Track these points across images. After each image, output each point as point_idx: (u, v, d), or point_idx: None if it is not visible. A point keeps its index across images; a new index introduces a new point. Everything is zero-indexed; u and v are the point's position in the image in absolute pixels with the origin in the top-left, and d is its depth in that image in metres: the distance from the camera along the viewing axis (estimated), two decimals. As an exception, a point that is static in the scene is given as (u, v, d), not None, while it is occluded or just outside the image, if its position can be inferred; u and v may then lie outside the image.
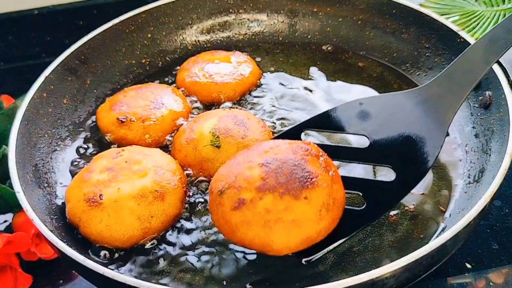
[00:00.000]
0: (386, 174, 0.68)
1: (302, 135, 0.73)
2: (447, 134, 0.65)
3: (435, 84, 0.69)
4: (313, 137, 0.77)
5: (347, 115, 0.68)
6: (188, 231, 0.70)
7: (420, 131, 0.64)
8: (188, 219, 0.71)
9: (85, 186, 0.70)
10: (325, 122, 0.69)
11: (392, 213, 0.70)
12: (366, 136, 0.67)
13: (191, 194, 0.73)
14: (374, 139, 0.66)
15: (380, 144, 0.66)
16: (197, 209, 0.72)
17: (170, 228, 0.70)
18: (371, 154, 0.66)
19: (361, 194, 0.65)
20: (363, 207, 0.65)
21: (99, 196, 0.68)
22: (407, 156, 0.65)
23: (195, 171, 0.75)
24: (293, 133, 0.72)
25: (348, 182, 0.64)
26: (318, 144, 0.65)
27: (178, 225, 0.71)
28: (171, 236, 0.70)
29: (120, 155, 0.74)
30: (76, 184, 0.72)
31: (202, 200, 0.73)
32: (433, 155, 0.63)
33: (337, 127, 0.68)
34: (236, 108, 0.86)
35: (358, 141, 0.71)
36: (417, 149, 0.64)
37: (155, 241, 0.69)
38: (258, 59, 0.95)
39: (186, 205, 0.72)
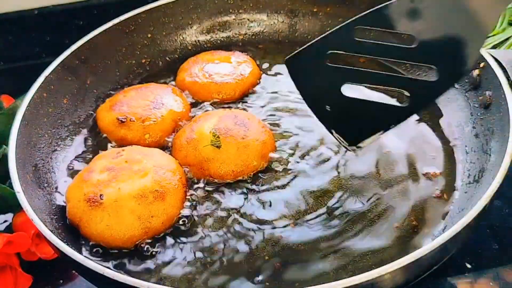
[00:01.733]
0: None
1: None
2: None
3: None
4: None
5: (398, 13, 0.67)
6: (188, 231, 0.70)
7: (464, 33, 0.65)
8: (188, 219, 0.71)
9: (85, 186, 0.70)
10: (376, 19, 0.69)
11: (392, 214, 0.70)
12: (414, 35, 0.67)
13: (191, 194, 0.74)
14: (421, 39, 0.66)
15: (427, 44, 0.66)
16: (197, 209, 0.72)
17: (170, 228, 0.70)
18: (417, 54, 0.67)
19: (405, 92, 0.68)
20: (406, 103, 0.68)
21: (100, 196, 0.68)
22: (450, 57, 0.66)
23: (195, 171, 0.75)
24: (345, 32, 0.70)
25: (395, 80, 0.68)
26: (369, 40, 0.68)
27: (178, 225, 0.71)
28: (171, 236, 0.70)
29: (120, 155, 0.74)
30: (76, 184, 0.72)
31: (202, 200, 0.73)
32: (474, 57, 0.65)
33: (388, 25, 0.68)
34: (236, 108, 0.86)
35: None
36: (461, 50, 0.65)
37: (155, 241, 0.69)
38: (258, 59, 0.95)
39: (186, 204, 0.72)
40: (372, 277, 0.55)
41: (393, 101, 0.71)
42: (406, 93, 0.68)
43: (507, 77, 0.73)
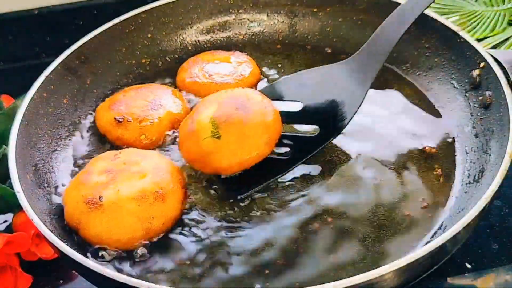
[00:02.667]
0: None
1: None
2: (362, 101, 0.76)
3: (359, 54, 0.78)
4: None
5: (288, 86, 0.80)
6: (188, 232, 0.70)
7: (344, 95, 0.76)
8: (188, 220, 0.71)
9: (83, 188, 0.70)
10: (271, 92, 0.79)
11: (393, 214, 0.70)
12: (300, 101, 0.78)
13: (190, 194, 0.73)
14: (306, 103, 0.78)
15: (311, 108, 0.78)
16: (197, 210, 0.72)
17: (170, 229, 0.70)
18: (303, 116, 0.78)
19: (289, 149, 0.77)
20: (290, 155, 0.76)
21: (99, 198, 0.68)
22: (330, 116, 0.76)
23: (199, 166, 0.74)
24: None
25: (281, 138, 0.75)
26: None
27: (178, 226, 0.70)
28: (171, 237, 0.70)
29: (117, 157, 0.73)
30: (73, 186, 0.72)
31: (201, 200, 0.73)
32: (351, 114, 0.75)
33: (280, 96, 0.80)
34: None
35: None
36: (339, 109, 0.76)
37: (155, 242, 0.69)
38: (258, 59, 0.95)
39: (186, 206, 0.72)
40: (372, 277, 0.55)
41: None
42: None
43: (507, 77, 0.73)
